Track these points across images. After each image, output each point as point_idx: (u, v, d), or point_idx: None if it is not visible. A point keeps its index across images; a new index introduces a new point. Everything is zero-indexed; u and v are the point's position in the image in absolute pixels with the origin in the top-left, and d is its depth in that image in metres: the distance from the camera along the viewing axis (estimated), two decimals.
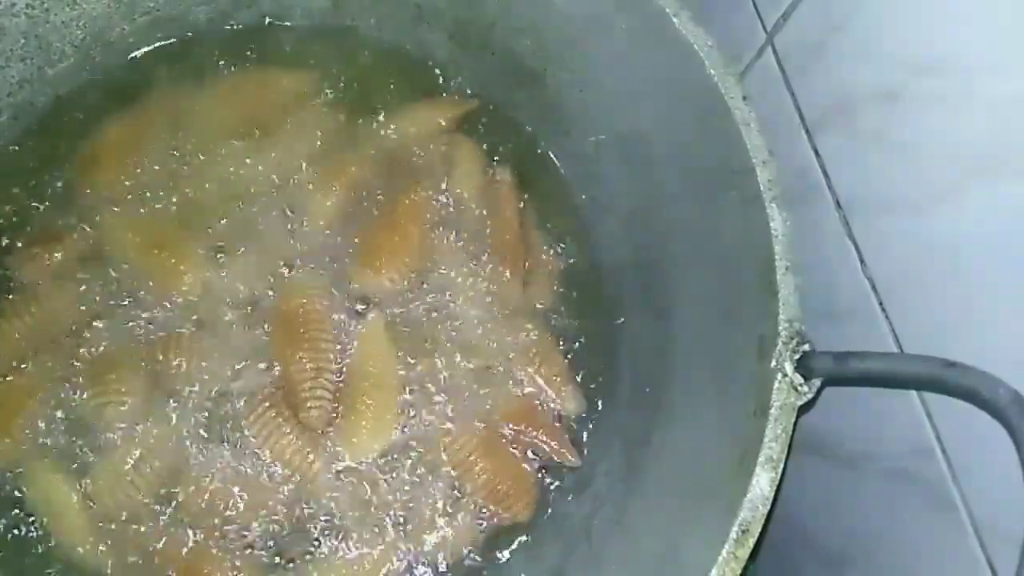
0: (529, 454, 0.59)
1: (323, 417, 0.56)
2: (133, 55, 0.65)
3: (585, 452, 0.60)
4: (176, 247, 0.59)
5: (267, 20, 0.67)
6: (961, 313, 0.44)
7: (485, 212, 0.64)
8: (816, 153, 0.52)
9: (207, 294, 0.59)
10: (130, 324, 0.58)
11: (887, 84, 0.45)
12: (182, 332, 0.57)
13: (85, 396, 0.55)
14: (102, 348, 0.57)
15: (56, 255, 0.58)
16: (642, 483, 0.55)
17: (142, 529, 0.54)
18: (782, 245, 0.46)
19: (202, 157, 0.62)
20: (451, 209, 0.63)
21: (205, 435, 0.56)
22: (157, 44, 0.65)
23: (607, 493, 0.58)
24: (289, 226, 0.61)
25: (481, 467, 0.57)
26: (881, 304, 0.50)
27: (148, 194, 0.61)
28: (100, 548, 0.53)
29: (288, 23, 0.67)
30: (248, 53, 0.66)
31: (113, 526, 0.54)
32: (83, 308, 0.58)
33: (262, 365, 0.57)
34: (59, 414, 0.55)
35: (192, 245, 0.59)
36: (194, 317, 0.58)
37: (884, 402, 0.52)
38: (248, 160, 0.62)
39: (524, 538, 0.58)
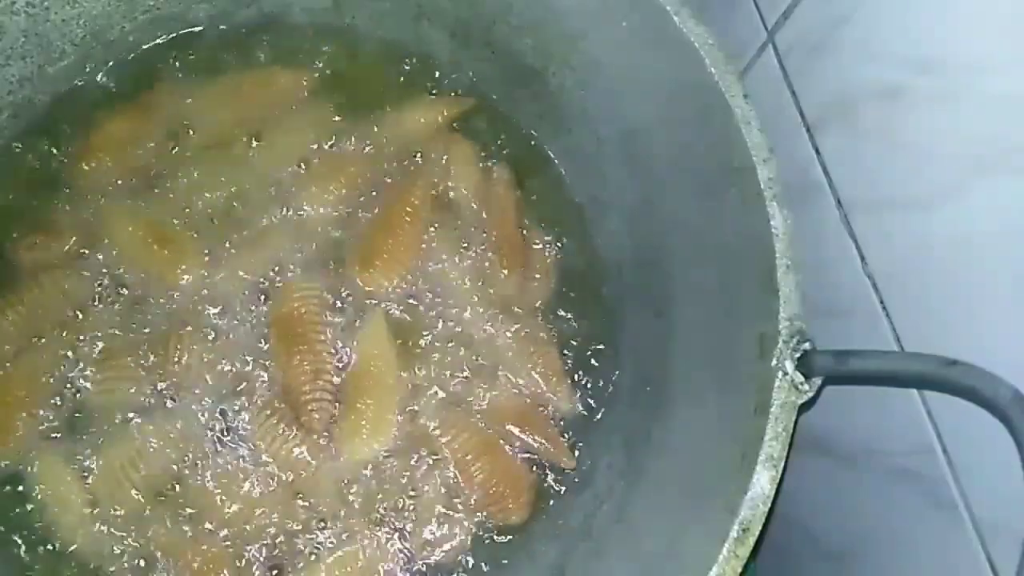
0: (525, 454, 0.59)
1: (324, 419, 0.56)
2: (134, 53, 0.65)
3: (583, 452, 0.60)
4: (173, 243, 0.59)
5: (267, 18, 0.66)
6: (962, 311, 0.44)
7: (483, 210, 0.64)
8: (817, 151, 0.52)
9: (205, 291, 0.59)
10: (130, 317, 0.58)
11: (888, 82, 0.45)
12: (181, 329, 0.57)
13: (89, 385, 0.56)
14: (102, 340, 0.57)
15: (55, 245, 0.58)
16: (642, 481, 0.55)
17: (142, 526, 0.54)
18: (783, 243, 0.46)
19: (201, 154, 0.62)
20: (449, 208, 0.63)
21: (205, 433, 0.56)
22: (158, 42, 0.65)
23: (607, 491, 0.58)
24: (287, 225, 0.61)
25: (479, 466, 0.57)
26: (882, 302, 0.50)
27: (147, 189, 0.61)
28: (102, 544, 0.53)
29: (288, 21, 0.67)
30: (248, 51, 0.66)
31: (114, 523, 0.54)
32: (82, 299, 0.58)
33: (262, 364, 0.57)
34: (61, 407, 0.55)
35: (189, 241, 0.60)
36: (193, 314, 0.58)
37: (885, 400, 0.52)
38: (247, 158, 0.62)
39: (524, 536, 0.58)
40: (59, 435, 0.55)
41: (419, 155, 0.64)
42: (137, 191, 0.61)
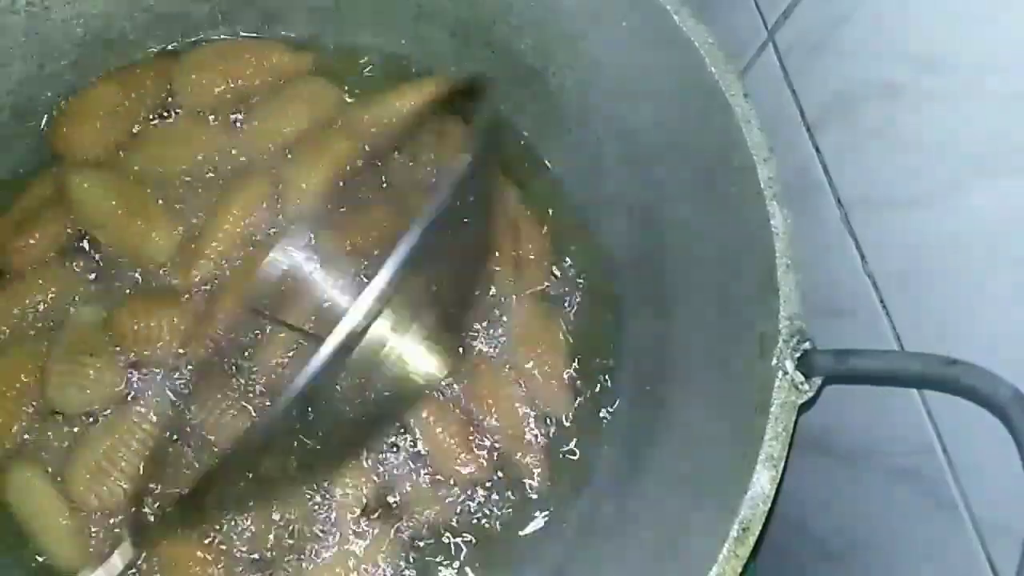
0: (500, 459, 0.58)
1: None
2: (134, 53, 0.65)
3: (583, 452, 0.60)
4: (152, 217, 0.59)
5: (267, 17, 0.66)
6: (962, 310, 0.44)
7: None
8: (817, 150, 0.52)
9: (185, 269, 0.58)
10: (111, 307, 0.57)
11: (888, 81, 0.45)
12: (160, 315, 0.57)
13: (51, 380, 0.54)
14: (77, 335, 0.56)
15: (46, 243, 0.58)
16: (642, 481, 0.55)
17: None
18: (783, 243, 0.46)
19: (186, 123, 0.62)
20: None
21: (184, 423, 0.55)
22: (158, 42, 0.65)
23: (607, 491, 0.58)
24: (275, 202, 0.60)
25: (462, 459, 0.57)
26: (882, 301, 0.50)
27: (129, 158, 0.60)
28: (84, 549, 0.52)
29: (288, 21, 0.67)
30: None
31: (96, 525, 0.53)
32: (64, 296, 0.57)
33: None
34: (33, 409, 0.55)
35: (168, 216, 0.59)
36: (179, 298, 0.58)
37: (885, 400, 0.52)
38: (235, 130, 0.62)
39: (524, 536, 0.57)
40: (37, 439, 0.54)
41: (410, 135, 0.63)
42: (119, 158, 0.60)
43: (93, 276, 0.58)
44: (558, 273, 0.64)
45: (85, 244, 0.59)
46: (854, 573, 0.61)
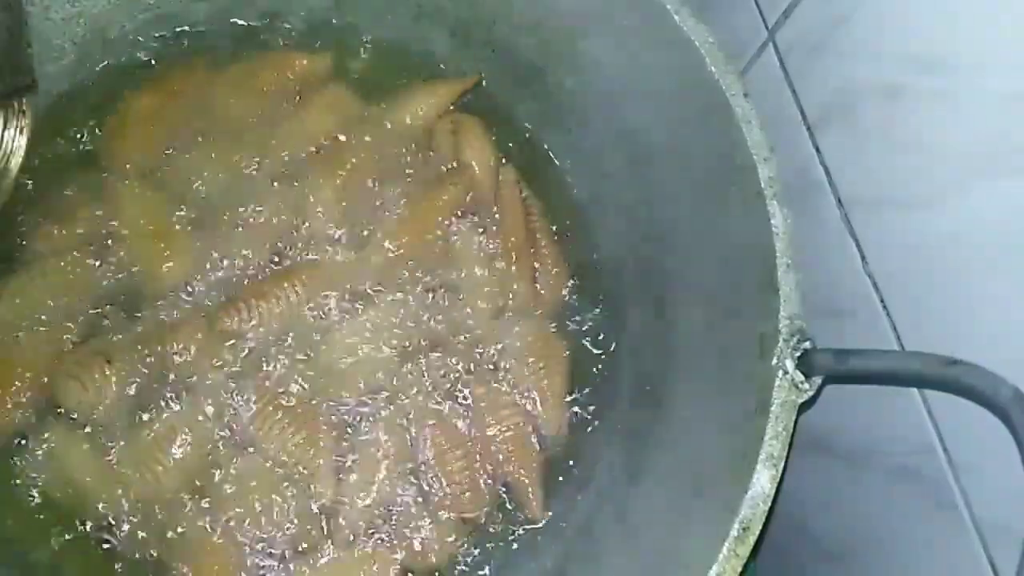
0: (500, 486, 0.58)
1: None
2: (134, 53, 0.65)
3: (583, 452, 0.60)
4: (173, 242, 0.59)
5: (267, 17, 0.66)
6: (962, 310, 0.44)
7: (496, 197, 0.63)
8: (817, 150, 0.52)
9: (206, 282, 0.59)
10: (134, 310, 0.58)
11: (889, 81, 0.45)
12: (181, 321, 0.57)
13: (57, 370, 0.55)
14: (100, 327, 0.57)
15: (68, 232, 0.58)
16: (643, 481, 0.55)
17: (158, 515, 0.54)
18: (783, 242, 0.46)
19: (223, 142, 0.62)
20: (464, 190, 0.63)
21: (210, 429, 0.55)
22: (157, 42, 0.65)
23: (608, 491, 0.58)
24: (290, 210, 0.61)
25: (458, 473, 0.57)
26: (882, 301, 0.50)
27: (169, 174, 0.61)
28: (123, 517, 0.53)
29: (288, 21, 0.67)
30: (248, 50, 0.66)
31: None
32: (89, 287, 0.58)
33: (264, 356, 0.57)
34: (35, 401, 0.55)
35: (188, 244, 0.59)
36: (194, 306, 0.58)
37: (885, 400, 0.52)
38: (265, 146, 0.62)
39: (525, 537, 0.57)
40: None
41: (428, 136, 0.64)
42: (156, 173, 0.60)
43: (110, 281, 0.58)
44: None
45: (110, 245, 0.59)
46: (854, 573, 0.61)
